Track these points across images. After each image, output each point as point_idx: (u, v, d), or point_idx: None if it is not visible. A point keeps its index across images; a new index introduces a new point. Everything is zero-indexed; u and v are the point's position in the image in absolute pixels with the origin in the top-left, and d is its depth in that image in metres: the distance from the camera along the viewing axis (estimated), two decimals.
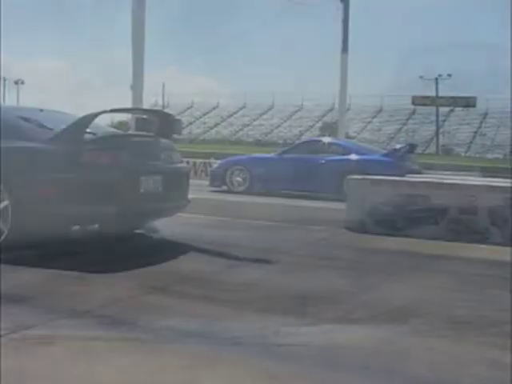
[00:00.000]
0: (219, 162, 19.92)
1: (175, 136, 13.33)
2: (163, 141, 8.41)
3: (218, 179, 18.23)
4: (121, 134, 8.70)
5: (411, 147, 18.15)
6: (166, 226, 8.41)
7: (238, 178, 17.91)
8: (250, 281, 6.00)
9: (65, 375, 3.48)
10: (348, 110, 48.15)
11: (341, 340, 4.24)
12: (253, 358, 3.84)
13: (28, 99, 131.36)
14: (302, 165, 16.96)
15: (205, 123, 77.48)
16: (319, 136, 47.93)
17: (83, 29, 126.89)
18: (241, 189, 17.57)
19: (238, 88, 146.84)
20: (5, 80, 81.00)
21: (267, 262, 6.91)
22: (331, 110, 70.68)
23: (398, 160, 16.43)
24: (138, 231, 8.52)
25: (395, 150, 17.66)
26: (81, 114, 7.72)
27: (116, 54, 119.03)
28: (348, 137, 42.76)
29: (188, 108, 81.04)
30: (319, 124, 73.27)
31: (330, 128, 59.94)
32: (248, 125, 76.22)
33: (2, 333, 3.94)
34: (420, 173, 15.78)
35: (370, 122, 73.55)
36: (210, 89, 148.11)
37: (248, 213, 11.76)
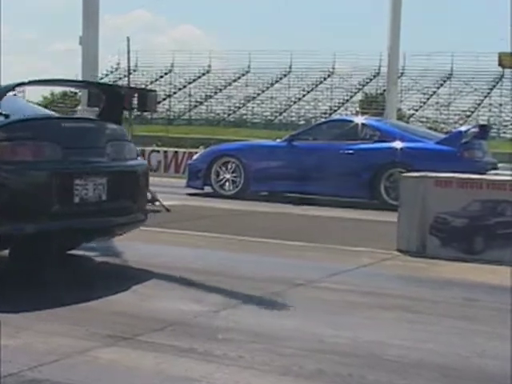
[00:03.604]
0: (201, 152, 19.82)
1: (147, 114, 13.15)
2: (112, 127, 8.34)
3: (199, 177, 18.12)
4: (46, 116, 8.30)
5: (482, 130, 17.51)
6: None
7: (228, 176, 17.83)
8: (255, 328, 5.99)
9: None
10: (402, 75, 48.04)
11: None
12: None
13: None
14: (319, 156, 16.82)
15: (190, 95, 77.55)
16: (355, 114, 47.81)
17: None
18: (231, 191, 17.56)
19: (240, 44, 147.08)
20: None
21: (281, 298, 6.96)
22: (376, 75, 70.79)
23: (462, 149, 16.04)
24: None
25: (458, 134, 17.29)
26: (8, 78, 7.70)
27: None
28: (401, 115, 42.71)
29: (166, 73, 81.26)
30: (358, 96, 73.39)
31: (374, 102, 59.97)
32: (254, 98, 76.24)
33: None
34: (495, 168, 15.53)
35: (434, 94, 73.38)
36: (197, 44, 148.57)
37: (251, 226, 11.74)
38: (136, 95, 14.20)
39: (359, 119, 19.14)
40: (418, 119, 63.35)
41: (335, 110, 69.51)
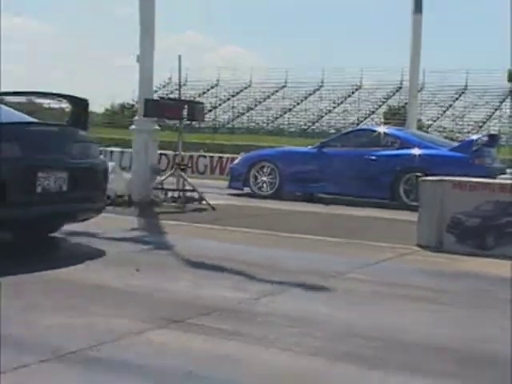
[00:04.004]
0: (241, 157, 19.81)
1: (196, 124, 13.15)
2: (75, 131, 8.96)
3: (239, 179, 18.23)
4: (14, 122, 8.48)
5: (491, 139, 17.34)
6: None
7: (265, 178, 17.89)
8: (292, 314, 5.97)
9: None
10: (421, 89, 47.82)
11: None
12: None
13: (6, 73, 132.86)
14: (346, 161, 16.90)
15: (234, 107, 77.61)
16: (382, 124, 47.74)
17: None
18: (268, 192, 17.58)
19: (277, 62, 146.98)
20: None
21: (315, 288, 6.96)
22: (399, 89, 70.52)
23: (473, 156, 15.86)
24: None
25: (469, 142, 17.02)
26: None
27: (117, 15, 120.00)
28: (421, 125, 42.54)
29: (212, 87, 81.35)
30: (383, 108, 73.13)
31: (397, 114, 59.72)
32: (290, 109, 76.20)
33: None
34: (502, 174, 15.44)
35: (450, 106, 73.05)
36: (240, 62, 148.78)
37: (288, 223, 11.70)
38: (186, 107, 14.30)
39: (382, 129, 19.16)
40: (435, 129, 63.13)
41: (362, 121, 69.31)
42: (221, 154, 26.99)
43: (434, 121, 68.14)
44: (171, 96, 52.73)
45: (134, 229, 10.93)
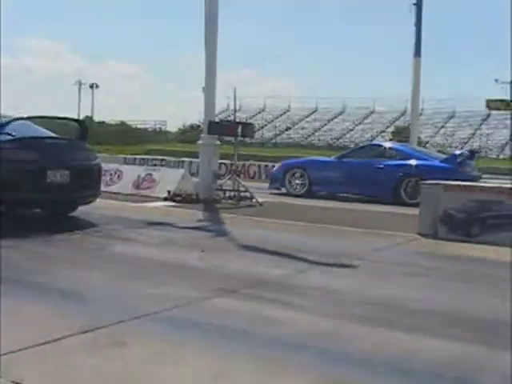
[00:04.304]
0: (278, 165, 19.62)
1: (247, 140, 13.16)
2: (76, 142, 10.35)
3: (277, 181, 18.15)
4: (34, 136, 9.74)
5: (471, 153, 17.58)
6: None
7: (297, 181, 17.82)
8: (321, 286, 5.97)
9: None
10: (421, 114, 47.46)
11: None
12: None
13: (102, 102, 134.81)
14: (360, 169, 16.83)
15: (276, 127, 77.46)
16: (390, 140, 47.55)
17: (157, 31, 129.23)
18: (300, 192, 17.52)
19: (310, 92, 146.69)
20: (80, 84, 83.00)
21: (339, 266, 6.96)
22: (404, 114, 69.95)
23: (457, 166, 15.95)
24: None
25: (455, 155, 17.12)
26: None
27: (189, 57, 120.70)
28: (420, 142, 42.23)
29: (260, 111, 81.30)
30: (391, 128, 72.56)
31: (402, 132, 59.27)
32: (319, 129, 75.89)
33: None
34: (479, 179, 15.49)
35: (442, 127, 72.39)
36: (281, 92, 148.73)
37: (321, 216, 11.67)
38: (240, 127, 14.33)
39: (387, 144, 19.23)
40: (431, 144, 62.58)
41: (374, 137, 68.88)
42: (266, 163, 27.07)
43: (431, 138, 67.50)
44: (228, 119, 52.99)
45: (200, 220, 10.98)
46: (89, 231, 9.05)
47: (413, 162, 16.25)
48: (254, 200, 13.77)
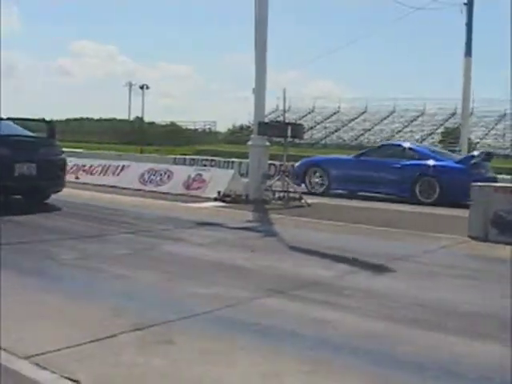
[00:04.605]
0: (299, 162, 19.52)
1: (297, 140, 13.17)
2: (45, 140, 11.81)
3: (299, 178, 18.06)
4: (8, 134, 11.14)
5: (487, 155, 17.65)
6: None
7: (316, 179, 17.92)
8: (369, 287, 5.94)
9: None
10: (471, 114, 46.86)
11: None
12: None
13: (153, 104, 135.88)
14: (378, 168, 16.92)
15: (326, 128, 77.16)
16: (440, 142, 47.02)
17: (208, 33, 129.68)
18: (319, 190, 17.62)
19: (359, 93, 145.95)
20: (131, 85, 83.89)
21: (387, 268, 6.92)
22: (454, 114, 69.15)
23: (471, 167, 16.12)
24: None
25: (469, 157, 17.23)
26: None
27: (239, 58, 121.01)
28: (471, 143, 41.70)
29: (309, 112, 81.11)
30: (441, 129, 71.74)
31: (452, 133, 58.60)
32: (369, 130, 75.38)
33: None
34: (494, 181, 15.54)
35: (493, 128, 71.27)
36: (331, 93, 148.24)
37: (359, 217, 11.61)
38: (289, 128, 14.31)
39: (405, 144, 18.92)
40: (482, 146, 61.65)
41: (424, 139, 68.13)
42: None
43: (481, 139, 66.52)
44: (278, 119, 52.93)
45: (249, 220, 11.01)
46: (140, 231, 9.15)
47: (430, 162, 16.36)
48: (302, 201, 13.75)
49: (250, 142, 14.53)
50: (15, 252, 6.95)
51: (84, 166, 18.99)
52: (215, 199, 13.84)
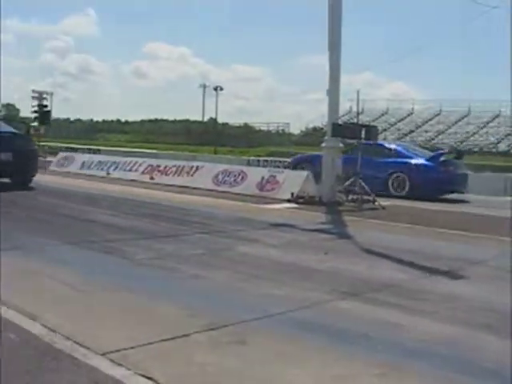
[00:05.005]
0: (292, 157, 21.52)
1: (371, 141, 13.03)
2: (21, 135, 16.02)
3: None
4: None
5: (458, 153, 19.54)
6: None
7: None
8: (444, 292, 5.83)
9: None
10: None
11: None
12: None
13: (226, 105, 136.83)
14: (356, 164, 16.85)
15: (399, 130, 76.40)
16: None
17: (280, 35, 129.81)
18: None
19: (433, 95, 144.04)
20: (205, 87, 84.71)
21: (462, 272, 6.78)
22: None
23: (440, 164, 17.71)
24: None
25: (438, 154, 18.63)
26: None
27: (311, 60, 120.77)
28: None
29: (382, 114, 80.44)
30: None
31: None
32: (443, 132, 74.30)
33: None
34: (464, 178, 17.08)
35: None
36: (404, 95, 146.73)
37: (434, 221, 11.42)
38: (363, 130, 14.20)
39: (386, 143, 20.66)
40: None
41: (499, 141, 66.87)
42: None
43: None
44: (351, 121, 52.56)
45: (322, 222, 10.98)
46: (215, 231, 9.21)
47: (402, 159, 18.00)
48: (376, 203, 13.63)
49: (323, 144, 14.51)
50: (97, 250, 7.10)
51: (159, 166, 19.25)
52: (288, 201, 13.85)
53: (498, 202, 17.99)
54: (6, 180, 14.74)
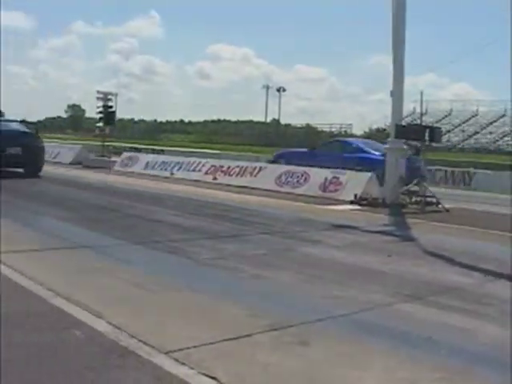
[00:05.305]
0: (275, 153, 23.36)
1: (433, 144, 12.88)
2: (29, 133, 18.15)
3: None
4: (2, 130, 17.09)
5: (415, 149, 18.27)
6: None
7: None
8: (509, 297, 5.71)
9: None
10: None
11: None
12: None
13: (288, 105, 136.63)
14: (325, 159, 18.64)
15: (463, 131, 75.24)
16: None
17: (342, 36, 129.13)
18: None
19: (499, 95, 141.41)
20: (268, 88, 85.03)
21: None
22: None
23: None
24: None
25: None
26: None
27: (374, 61, 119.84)
28: None
29: (446, 115, 79.36)
30: None
31: None
32: (508, 134, 72.88)
33: None
34: (419, 170, 15.80)
35: None
36: (468, 96, 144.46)
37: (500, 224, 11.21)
38: (427, 131, 14.01)
39: (350, 140, 22.31)
40: None
41: None
42: (453, 169, 26.02)
43: None
44: (414, 122, 51.99)
45: (386, 224, 10.87)
46: (277, 232, 9.21)
47: (360, 154, 18.76)
48: (440, 206, 13.44)
49: (386, 145, 14.37)
50: (161, 250, 7.19)
51: (222, 166, 19.34)
52: (351, 202, 13.75)
53: None
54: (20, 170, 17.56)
